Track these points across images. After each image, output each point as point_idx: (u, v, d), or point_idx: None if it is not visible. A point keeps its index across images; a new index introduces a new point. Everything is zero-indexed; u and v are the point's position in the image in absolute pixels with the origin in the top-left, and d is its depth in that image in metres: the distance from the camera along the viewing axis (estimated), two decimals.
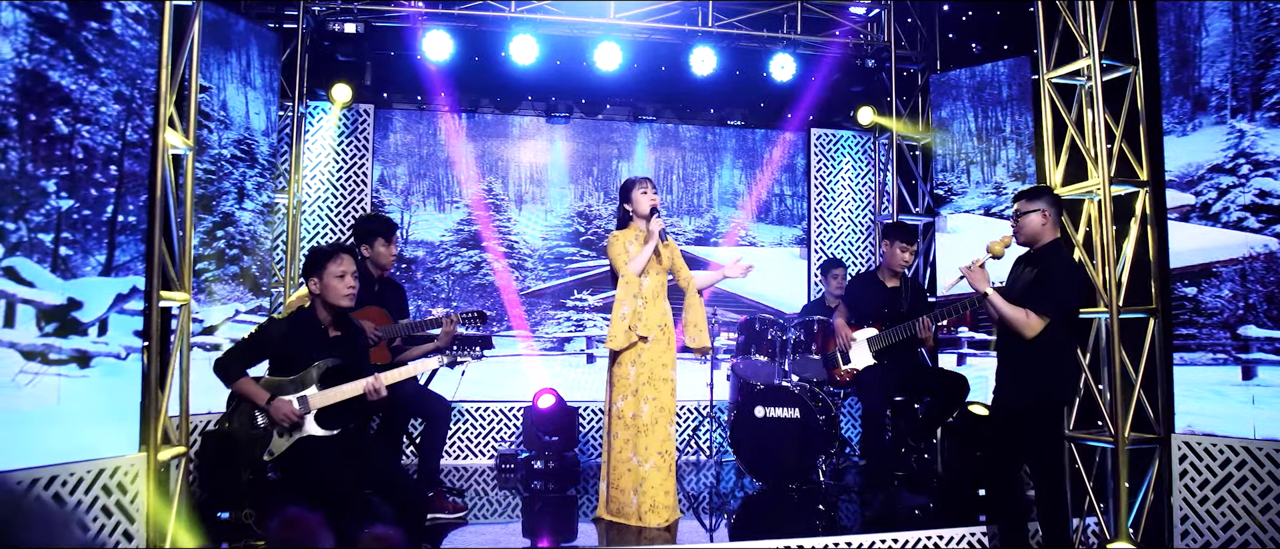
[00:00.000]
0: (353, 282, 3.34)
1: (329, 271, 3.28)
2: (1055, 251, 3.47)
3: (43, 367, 2.78)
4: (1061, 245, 3.53)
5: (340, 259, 3.31)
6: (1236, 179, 3.74)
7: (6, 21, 2.58)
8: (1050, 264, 3.41)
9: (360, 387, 3.28)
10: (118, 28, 3.04)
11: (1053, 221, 3.49)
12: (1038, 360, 3.38)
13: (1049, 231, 3.48)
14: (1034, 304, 3.35)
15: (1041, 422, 3.45)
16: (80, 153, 2.91)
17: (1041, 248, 3.48)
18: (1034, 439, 3.46)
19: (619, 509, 4.01)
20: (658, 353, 4.05)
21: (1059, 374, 3.47)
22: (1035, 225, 3.47)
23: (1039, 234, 3.48)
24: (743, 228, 7.09)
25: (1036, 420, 3.44)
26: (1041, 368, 3.39)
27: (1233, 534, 3.63)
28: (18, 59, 2.66)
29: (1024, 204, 3.51)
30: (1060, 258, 3.44)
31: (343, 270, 3.30)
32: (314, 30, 5.88)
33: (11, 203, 2.64)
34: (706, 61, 6.19)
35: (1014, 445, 3.51)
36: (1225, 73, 3.79)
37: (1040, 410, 3.44)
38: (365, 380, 3.28)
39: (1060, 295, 3.37)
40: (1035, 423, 3.44)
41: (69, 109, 2.86)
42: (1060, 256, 3.45)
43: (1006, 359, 3.52)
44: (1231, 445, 3.64)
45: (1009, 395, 3.50)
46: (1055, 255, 3.44)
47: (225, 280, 5.13)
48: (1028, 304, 3.37)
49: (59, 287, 2.84)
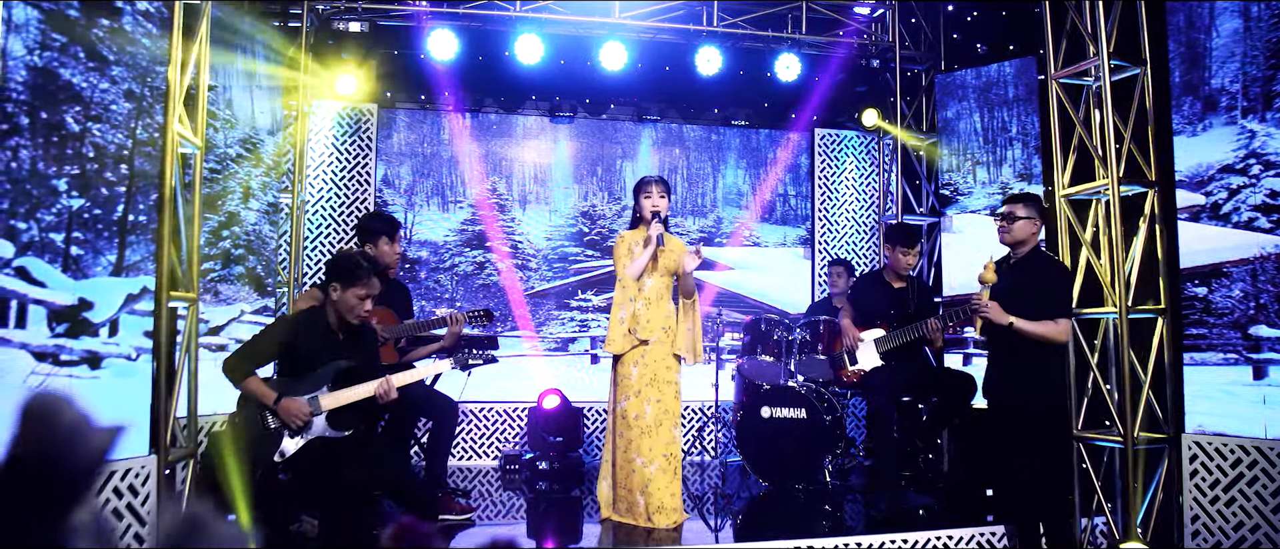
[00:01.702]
0: (370, 306, 3.35)
1: (353, 290, 3.27)
2: (1045, 257, 3.63)
3: (54, 368, 2.76)
4: (1043, 249, 3.68)
5: (369, 283, 3.30)
6: (1247, 179, 3.74)
7: (18, 18, 2.56)
8: (1048, 270, 3.55)
9: (372, 388, 3.26)
10: (128, 25, 3.02)
11: (1038, 230, 3.61)
12: (1037, 362, 3.44)
13: (1034, 239, 3.61)
14: (1054, 312, 3.42)
15: (1044, 421, 3.49)
16: (91, 151, 2.88)
17: (1029, 254, 3.58)
18: (1038, 439, 3.48)
19: (627, 509, 4.00)
20: (661, 355, 4.02)
21: (1061, 374, 3.57)
22: (1027, 230, 3.57)
23: (1026, 238, 3.58)
24: (747, 228, 7.08)
25: (1040, 420, 3.48)
26: (1040, 369, 3.46)
27: (1244, 534, 3.63)
28: (29, 56, 2.63)
29: (1019, 207, 3.57)
30: (1052, 262, 3.61)
31: (366, 294, 3.30)
32: (318, 29, 5.85)
33: (23, 202, 2.62)
34: (711, 61, 6.18)
35: (1016, 446, 3.53)
36: (1236, 73, 3.80)
37: (1042, 410, 3.48)
38: (376, 382, 3.26)
39: (1067, 295, 3.53)
40: (1038, 423, 3.47)
41: (80, 107, 2.84)
42: (1052, 261, 3.62)
43: (1001, 361, 3.57)
44: (1242, 445, 3.64)
45: (1008, 395, 3.53)
46: (1047, 261, 3.61)
47: (230, 281, 5.11)
48: (1048, 314, 3.43)
49: (70, 287, 2.82)
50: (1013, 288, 3.50)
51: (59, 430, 0.62)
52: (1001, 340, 3.48)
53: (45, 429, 0.63)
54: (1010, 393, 3.50)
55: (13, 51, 2.57)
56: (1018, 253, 3.58)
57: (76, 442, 0.62)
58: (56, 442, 0.61)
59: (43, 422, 0.63)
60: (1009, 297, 3.48)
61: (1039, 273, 3.50)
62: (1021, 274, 3.53)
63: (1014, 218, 3.53)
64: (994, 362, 3.61)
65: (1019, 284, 3.50)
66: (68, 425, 0.63)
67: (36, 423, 0.63)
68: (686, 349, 4.06)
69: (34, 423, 0.63)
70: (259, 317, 5.24)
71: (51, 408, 0.64)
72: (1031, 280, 3.49)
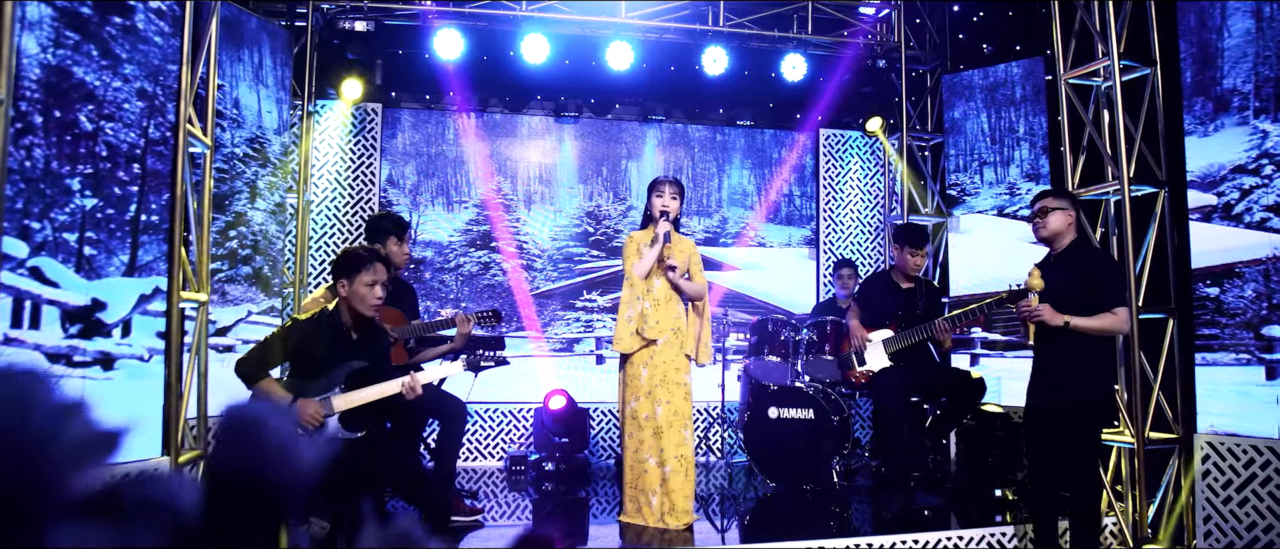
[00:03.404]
0: (382, 293, 3.27)
1: (360, 279, 3.22)
2: (1088, 249, 3.49)
3: (67, 369, 2.73)
4: (1088, 242, 3.55)
5: (374, 268, 3.23)
6: (1260, 179, 3.74)
7: (32, 16, 2.54)
8: (1094, 262, 3.41)
9: (395, 386, 3.23)
10: (140, 23, 3.00)
11: (1074, 221, 3.48)
12: (1089, 360, 3.31)
13: (1070, 231, 3.46)
14: (1110, 304, 3.28)
15: (1090, 422, 3.36)
16: (104, 150, 2.86)
17: (1069, 248, 3.42)
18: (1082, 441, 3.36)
19: (637, 510, 3.99)
20: (670, 356, 4.00)
21: (1110, 371, 3.47)
22: (1060, 223, 3.43)
23: (1062, 232, 3.44)
24: (753, 229, 7.07)
25: (1085, 421, 3.35)
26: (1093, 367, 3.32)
27: (1257, 534, 3.64)
28: (43, 54, 2.61)
29: (1051, 201, 3.45)
30: (1100, 253, 3.52)
31: (374, 279, 3.24)
32: (324, 28, 5.83)
33: (37, 201, 2.59)
34: (717, 61, 6.17)
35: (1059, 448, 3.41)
36: (1248, 73, 3.80)
37: (1089, 410, 3.35)
38: (400, 380, 3.23)
39: (1120, 285, 3.44)
40: (1083, 424, 3.35)
41: (93, 106, 2.81)
42: (1096, 251, 3.51)
43: (1052, 363, 3.38)
44: (1255, 445, 3.64)
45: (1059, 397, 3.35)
46: (1093, 253, 3.48)
47: (237, 281, 5.08)
48: (1102, 307, 3.28)
49: (83, 287, 2.79)
50: (1059, 287, 3.34)
51: (269, 444, 0.59)
52: (1052, 342, 3.32)
53: (255, 442, 0.59)
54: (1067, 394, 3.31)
55: (26, 49, 2.55)
56: (1056, 248, 3.41)
57: (286, 456, 0.59)
58: (268, 455, 0.58)
59: (252, 433, 0.60)
60: (1057, 297, 3.32)
61: (1084, 267, 3.34)
62: (1065, 271, 3.37)
63: (1047, 211, 3.41)
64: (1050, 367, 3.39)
65: (1064, 281, 3.35)
66: (278, 438, 0.59)
67: (245, 435, 0.60)
68: (693, 349, 4.05)
69: (243, 435, 0.60)
70: (266, 317, 5.21)
71: (261, 419, 0.61)
72: (1077, 275, 3.34)
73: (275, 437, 0.59)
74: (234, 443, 0.59)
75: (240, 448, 0.59)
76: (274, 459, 0.58)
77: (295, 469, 0.59)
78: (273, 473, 0.58)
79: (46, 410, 0.55)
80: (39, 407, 0.54)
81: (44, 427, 0.54)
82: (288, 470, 0.58)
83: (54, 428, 0.55)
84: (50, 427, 0.55)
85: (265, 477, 0.58)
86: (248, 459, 0.59)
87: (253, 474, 0.59)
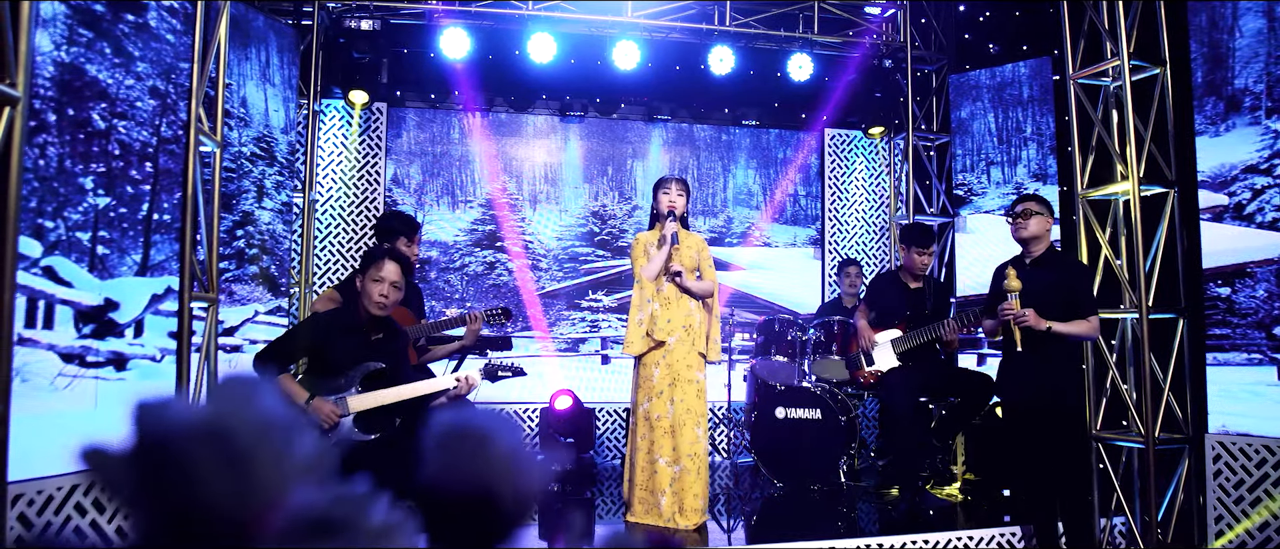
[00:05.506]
0: (388, 291, 3.23)
1: (367, 275, 3.21)
2: (1063, 256, 3.69)
3: (81, 369, 2.71)
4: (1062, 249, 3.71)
5: (382, 265, 3.21)
6: (1272, 180, 3.74)
7: (46, 13, 2.52)
8: (1071, 269, 3.58)
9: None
10: (153, 21, 2.98)
11: (1051, 225, 3.64)
12: (1061, 364, 3.45)
13: (1047, 234, 3.63)
14: (1085, 310, 3.43)
15: (1071, 422, 3.49)
16: (117, 148, 2.84)
17: (1048, 253, 3.59)
18: (1066, 440, 3.48)
19: (647, 511, 3.97)
20: (682, 354, 3.99)
21: (1080, 373, 3.59)
22: (1040, 228, 3.58)
23: (1040, 237, 3.59)
24: (759, 229, 7.06)
25: (1067, 421, 3.48)
26: (1066, 370, 3.49)
27: (1270, 534, 3.64)
28: (56, 52, 2.59)
29: (1035, 205, 3.58)
30: (1072, 260, 3.69)
31: (381, 276, 3.22)
32: (329, 27, 5.81)
33: (51, 200, 2.58)
34: (724, 61, 6.17)
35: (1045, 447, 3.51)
36: (1260, 74, 3.80)
37: (1071, 412, 3.48)
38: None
39: (1093, 292, 3.59)
40: (1066, 424, 3.48)
41: (106, 104, 2.80)
42: (1071, 259, 3.69)
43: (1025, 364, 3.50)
44: (1267, 445, 3.64)
45: (1036, 398, 3.49)
46: (1067, 260, 3.67)
47: (244, 280, 5.06)
48: (1078, 313, 3.43)
49: (96, 287, 2.77)
50: (1037, 290, 3.46)
51: (497, 457, 0.56)
52: (1025, 342, 3.44)
53: (480, 455, 0.57)
54: (1040, 396, 3.46)
55: (40, 47, 2.53)
56: (1032, 251, 3.56)
57: (513, 468, 0.57)
58: (496, 469, 0.56)
59: (476, 447, 0.57)
60: (1035, 300, 3.44)
61: (1061, 272, 3.49)
62: (1042, 274, 3.50)
63: (1029, 214, 3.55)
64: (1017, 364, 3.55)
65: (1042, 285, 3.47)
66: (503, 450, 0.57)
67: (467, 450, 0.57)
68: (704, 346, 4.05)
69: (465, 450, 0.57)
70: (273, 317, 5.19)
71: (484, 432, 0.58)
72: (1054, 280, 3.47)
73: (500, 449, 0.57)
74: (457, 457, 0.57)
75: (464, 463, 0.57)
76: (501, 473, 0.56)
77: (523, 482, 0.56)
78: (501, 487, 0.56)
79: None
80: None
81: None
82: (516, 483, 0.56)
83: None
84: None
85: (495, 492, 0.56)
86: (474, 474, 0.57)
87: (481, 490, 0.56)
